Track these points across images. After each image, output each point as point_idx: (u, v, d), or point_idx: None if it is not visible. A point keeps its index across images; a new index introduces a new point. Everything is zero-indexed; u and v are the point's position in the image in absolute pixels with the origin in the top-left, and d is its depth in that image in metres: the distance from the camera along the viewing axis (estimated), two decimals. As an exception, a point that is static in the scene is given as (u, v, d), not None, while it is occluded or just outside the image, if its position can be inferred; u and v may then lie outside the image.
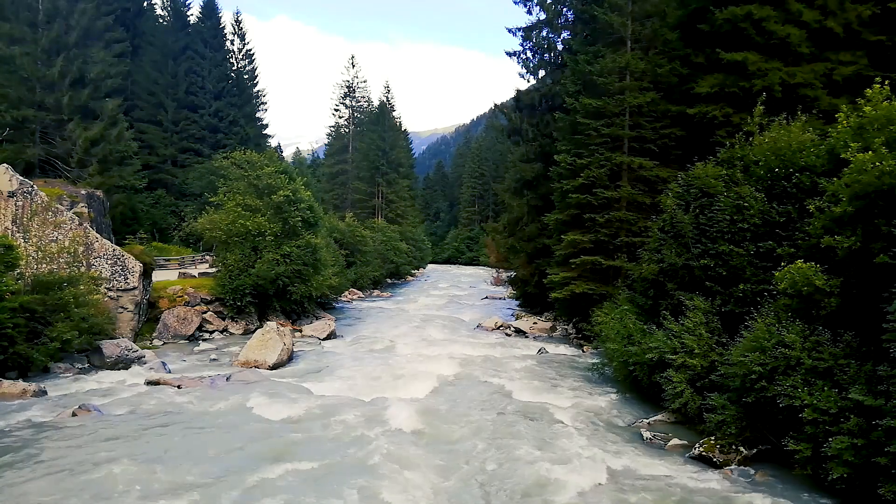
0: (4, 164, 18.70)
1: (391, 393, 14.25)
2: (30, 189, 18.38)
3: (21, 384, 13.12)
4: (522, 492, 8.82)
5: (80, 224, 19.23)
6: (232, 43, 51.35)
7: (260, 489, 8.60)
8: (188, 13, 49.99)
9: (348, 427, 11.50)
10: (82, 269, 17.99)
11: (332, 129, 72.80)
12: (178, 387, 14.12)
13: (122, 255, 19.51)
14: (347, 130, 71.20)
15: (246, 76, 52.46)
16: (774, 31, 16.86)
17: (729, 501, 8.72)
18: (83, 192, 24.36)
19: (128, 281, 19.38)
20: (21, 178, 18.55)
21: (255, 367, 16.93)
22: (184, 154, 45.69)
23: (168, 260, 32.37)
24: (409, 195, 71.71)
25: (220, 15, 49.80)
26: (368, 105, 71.92)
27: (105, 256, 19.29)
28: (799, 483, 9.16)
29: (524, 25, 29.37)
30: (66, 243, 18.10)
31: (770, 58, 17.12)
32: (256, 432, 11.12)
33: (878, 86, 10.21)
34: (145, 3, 49.59)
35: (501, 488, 8.95)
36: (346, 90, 70.58)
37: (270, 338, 17.89)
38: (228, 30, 51.09)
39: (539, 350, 20.77)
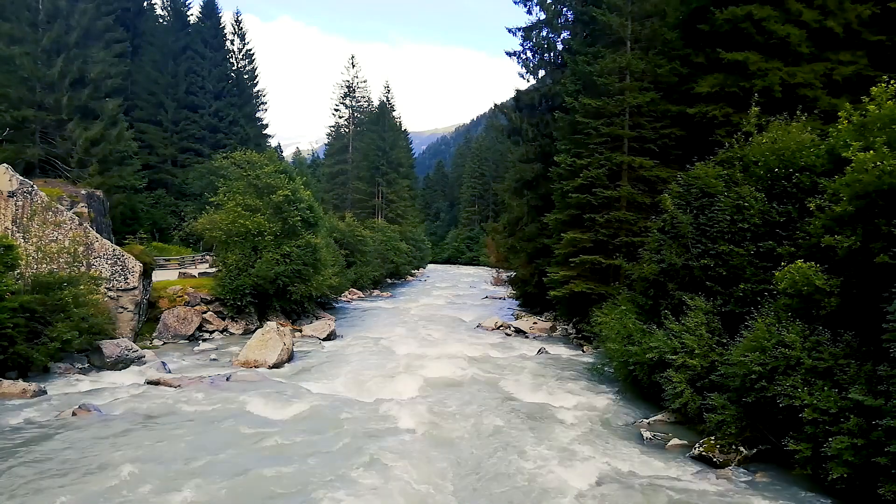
0: (4, 164, 18.69)
1: (391, 393, 14.26)
2: (30, 189, 18.37)
3: (21, 384, 13.11)
4: (522, 492, 8.82)
5: (80, 224, 19.22)
6: (232, 43, 51.42)
7: (260, 489, 8.60)
8: (188, 13, 50.04)
9: (348, 427, 11.50)
10: (82, 269, 17.97)
11: (332, 129, 72.83)
12: (178, 387, 14.11)
13: (122, 255, 19.50)
14: (347, 130, 71.21)
15: (246, 76, 52.50)
16: (774, 30, 16.86)
17: (729, 501, 8.71)
18: (83, 192, 24.36)
19: (128, 281, 19.37)
20: (21, 178, 18.55)
21: (255, 366, 16.93)
22: (184, 154, 45.71)
23: (168, 260, 32.37)
24: (409, 195, 71.69)
25: (220, 15, 49.93)
26: (368, 105, 71.96)
27: (105, 256, 19.28)
28: (799, 483, 9.15)
29: (524, 25, 29.41)
30: (66, 243, 18.08)
31: (770, 58, 17.12)
32: (256, 432, 11.11)
33: (883, 84, 10.18)
34: (145, 3, 49.64)
35: (501, 488, 8.95)
36: (347, 90, 70.63)
37: (270, 338, 17.89)
38: (228, 30, 51.22)
39: (539, 350, 20.76)
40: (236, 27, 51.86)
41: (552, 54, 29.54)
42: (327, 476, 9.07)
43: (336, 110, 71.31)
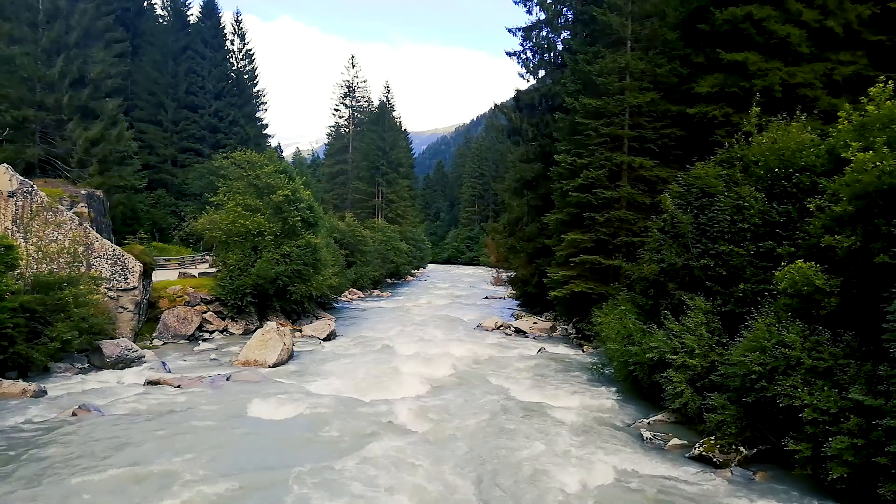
0: (4, 164, 18.69)
1: (391, 393, 14.26)
2: (30, 189, 18.38)
3: (21, 384, 13.12)
4: (522, 492, 8.82)
5: (80, 224, 19.22)
6: (232, 43, 51.41)
7: (259, 489, 8.60)
8: (188, 13, 50.02)
9: (348, 427, 11.49)
10: (82, 269, 17.98)
11: (332, 129, 72.86)
12: (178, 386, 14.11)
13: (122, 255, 19.50)
14: (347, 130, 71.24)
15: (246, 76, 52.50)
16: (774, 30, 16.86)
17: (729, 501, 8.72)
18: (83, 192, 24.37)
19: (128, 281, 19.37)
20: (21, 178, 18.55)
21: (255, 366, 16.93)
22: (184, 154, 45.71)
23: (168, 260, 32.37)
24: (409, 195, 71.71)
25: (220, 15, 49.93)
26: (368, 105, 72.00)
27: (105, 256, 19.28)
28: (799, 483, 9.15)
29: (524, 25, 29.41)
30: (66, 243, 18.08)
31: (770, 58, 17.11)
32: (256, 432, 11.12)
33: (881, 84, 10.19)
34: (145, 3, 49.63)
35: (501, 488, 8.95)
36: (347, 90, 70.68)
37: (270, 338, 17.89)
38: (228, 30, 51.21)
39: (539, 350, 20.76)
40: (236, 27, 51.88)
41: (552, 54, 29.53)
42: (328, 475, 9.06)
43: (336, 110, 71.41)
